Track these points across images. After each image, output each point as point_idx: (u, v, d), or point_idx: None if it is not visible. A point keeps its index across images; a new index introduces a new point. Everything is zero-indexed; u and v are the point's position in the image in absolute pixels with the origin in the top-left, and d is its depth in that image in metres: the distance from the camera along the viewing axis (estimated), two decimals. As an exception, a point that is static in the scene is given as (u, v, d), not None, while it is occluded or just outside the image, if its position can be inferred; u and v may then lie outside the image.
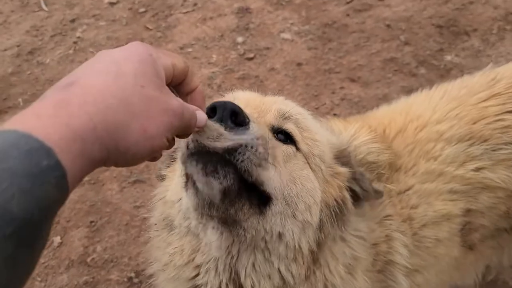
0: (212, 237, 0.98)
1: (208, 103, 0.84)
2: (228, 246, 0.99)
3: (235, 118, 0.82)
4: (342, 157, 1.12)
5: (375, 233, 1.17)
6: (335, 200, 1.05)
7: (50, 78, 3.20)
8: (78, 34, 3.53)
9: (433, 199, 1.26)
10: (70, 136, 0.53)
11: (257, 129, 0.85)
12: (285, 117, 1.04)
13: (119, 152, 0.58)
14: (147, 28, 3.50)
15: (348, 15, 3.38)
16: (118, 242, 2.28)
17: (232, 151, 0.81)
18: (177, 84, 0.74)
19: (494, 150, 1.27)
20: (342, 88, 2.90)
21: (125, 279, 2.14)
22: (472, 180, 1.27)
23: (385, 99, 2.80)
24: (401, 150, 1.31)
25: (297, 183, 0.97)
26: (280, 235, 0.97)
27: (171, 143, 0.68)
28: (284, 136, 1.02)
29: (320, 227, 1.02)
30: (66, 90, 0.57)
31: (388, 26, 3.25)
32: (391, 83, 2.91)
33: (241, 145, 0.81)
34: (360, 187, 1.09)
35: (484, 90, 1.35)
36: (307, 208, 0.98)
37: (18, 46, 3.48)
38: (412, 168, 1.28)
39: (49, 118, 0.53)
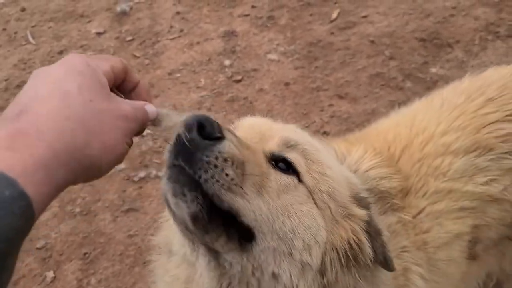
0: (202, 264, 0.93)
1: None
2: (219, 279, 0.92)
3: (202, 131, 0.76)
4: (361, 200, 1.01)
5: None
6: (348, 243, 0.94)
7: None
8: (66, 65, 3.54)
9: (444, 220, 1.23)
10: (33, 165, 0.52)
11: (229, 148, 0.78)
12: (290, 146, 0.95)
13: (84, 170, 0.59)
14: (135, 56, 3.53)
15: (332, 33, 3.43)
16: (113, 273, 2.23)
17: (191, 163, 0.75)
18: (119, 84, 0.73)
19: (499, 159, 1.27)
20: (330, 105, 2.92)
21: None
22: (482, 194, 1.25)
23: (374, 114, 2.82)
24: (409, 170, 1.26)
25: (292, 218, 0.88)
26: (274, 275, 0.88)
27: (131, 144, 0.68)
28: (286, 166, 0.93)
29: (322, 272, 0.92)
30: (18, 121, 0.56)
31: (372, 42, 3.30)
32: (378, 98, 2.93)
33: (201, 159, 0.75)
34: (371, 246, 0.95)
35: (478, 96, 1.37)
36: (306, 247, 0.88)
37: (6, 80, 3.48)
38: (422, 189, 1.24)
39: (7, 150, 0.52)
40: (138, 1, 4.05)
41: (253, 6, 3.79)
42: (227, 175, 0.78)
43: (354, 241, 0.94)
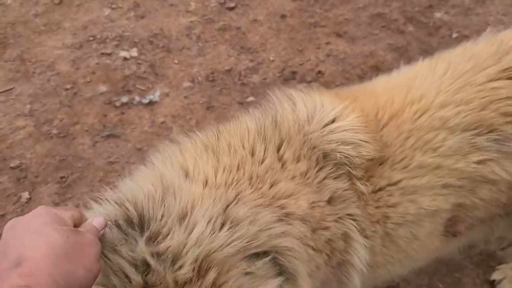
0: None
1: (188, 54, 0.72)
2: None
3: None
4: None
5: (329, 230, 1.06)
6: None
7: (12, 21, 2.93)
8: (42, -27, 3.21)
9: (420, 196, 1.15)
10: None
11: None
12: None
13: None
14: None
15: (336, -35, 3.19)
16: (92, 199, 2.17)
17: None
18: None
19: (503, 141, 1.14)
20: (327, 43, 2.78)
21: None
22: (473, 173, 1.15)
23: (372, 56, 2.71)
24: (393, 140, 1.15)
25: None
26: None
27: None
28: None
29: None
30: (21, 267, 0.70)
31: (377, -21, 3.10)
32: (378, 40, 2.80)
33: None
34: None
35: (492, 64, 1.19)
36: None
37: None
38: (402, 161, 1.14)
39: None
40: None
41: None
42: None
43: None
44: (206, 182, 0.98)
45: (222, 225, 0.88)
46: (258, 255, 0.90)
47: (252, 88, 2.60)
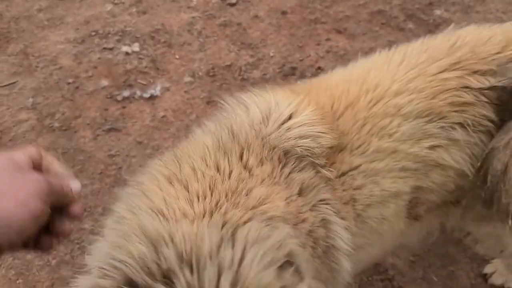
0: None
1: (189, 49, 0.72)
2: None
3: None
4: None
5: (308, 221, 1.07)
6: None
7: (15, 16, 2.97)
8: (46, -32, 3.24)
9: (381, 178, 1.19)
10: None
11: None
12: None
13: None
14: (122, -35, 3.25)
15: (337, -38, 3.21)
16: (92, 192, 2.20)
17: None
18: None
19: (450, 128, 1.20)
20: (328, 39, 2.80)
21: (99, 229, 2.09)
22: (426, 158, 1.21)
23: (371, 53, 2.71)
24: (349, 128, 1.18)
25: None
26: None
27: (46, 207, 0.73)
28: None
29: None
30: None
31: (378, -24, 3.11)
32: (378, 37, 2.82)
33: None
34: None
35: (444, 57, 1.24)
36: None
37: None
38: (360, 147, 1.18)
39: None
40: None
41: None
42: None
43: None
44: (187, 217, 0.92)
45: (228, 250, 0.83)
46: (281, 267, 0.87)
47: (252, 84, 2.62)
